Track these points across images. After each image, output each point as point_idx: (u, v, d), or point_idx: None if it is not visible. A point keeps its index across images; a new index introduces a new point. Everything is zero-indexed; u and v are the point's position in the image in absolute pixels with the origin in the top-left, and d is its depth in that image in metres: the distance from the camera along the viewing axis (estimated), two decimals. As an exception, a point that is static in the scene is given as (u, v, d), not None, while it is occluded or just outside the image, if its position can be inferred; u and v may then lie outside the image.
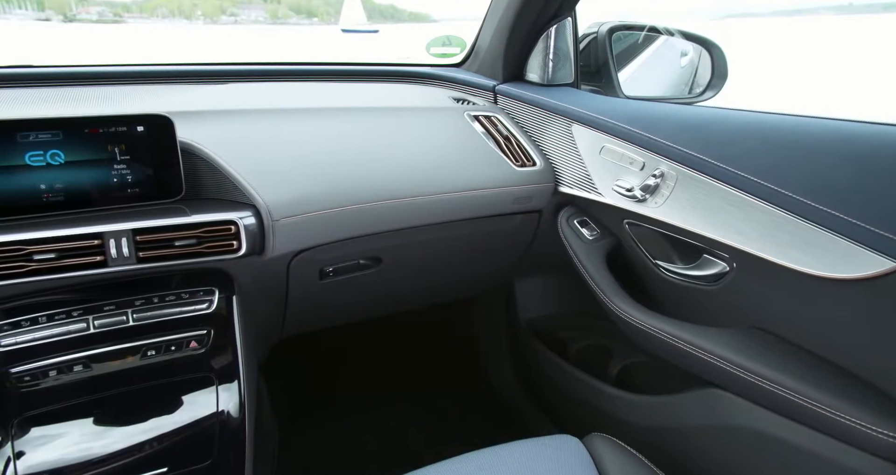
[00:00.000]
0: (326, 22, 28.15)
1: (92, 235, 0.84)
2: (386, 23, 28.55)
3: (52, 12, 24.01)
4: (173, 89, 1.25)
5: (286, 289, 1.09)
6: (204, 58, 1.49)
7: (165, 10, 32.50)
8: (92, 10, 27.56)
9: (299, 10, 31.32)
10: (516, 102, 1.35)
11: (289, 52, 12.45)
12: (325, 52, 11.74)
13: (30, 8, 23.02)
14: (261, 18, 28.80)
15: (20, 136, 0.87)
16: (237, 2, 29.56)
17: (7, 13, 20.57)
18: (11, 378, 0.82)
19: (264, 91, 1.30)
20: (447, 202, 1.14)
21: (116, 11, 29.56)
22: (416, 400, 1.72)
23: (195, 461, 0.84)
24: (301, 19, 30.55)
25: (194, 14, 30.38)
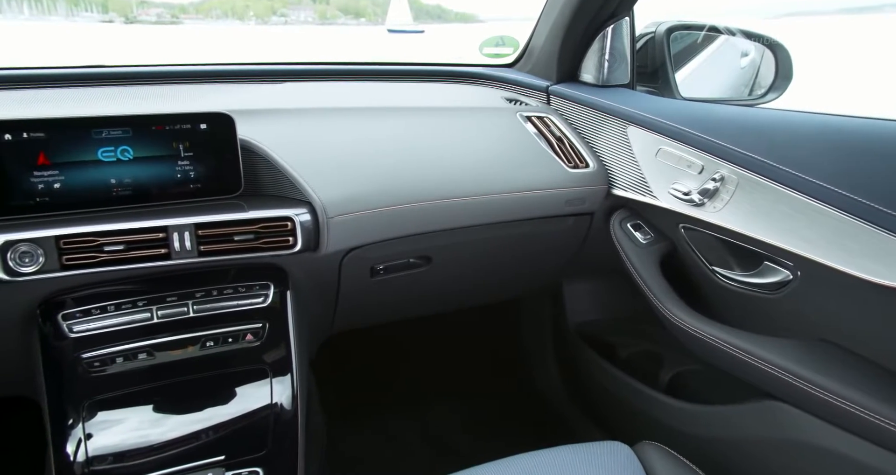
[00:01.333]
0: (373, 22, 28.55)
1: (157, 229, 0.88)
2: (432, 23, 28.74)
3: (114, 14, 25.18)
4: (232, 88, 1.29)
5: (337, 286, 1.11)
6: (256, 57, 1.53)
7: (219, 11, 33.66)
8: (151, 12, 28.81)
9: (347, 11, 31.98)
10: (570, 103, 1.33)
11: (336, 52, 12.67)
12: (370, 52, 11.88)
13: (95, 10, 24.12)
14: (310, 19, 29.47)
15: (94, 132, 0.91)
16: (287, 2, 30.41)
17: (75, 15, 21.65)
18: (83, 363, 0.87)
19: (319, 90, 1.32)
20: (498, 203, 1.13)
21: (174, 13, 30.82)
22: (460, 400, 1.72)
23: (250, 451, 0.87)
24: (349, 19, 31.10)
25: (246, 15, 31.41)
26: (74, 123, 0.90)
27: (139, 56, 5.43)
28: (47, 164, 0.89)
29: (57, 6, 22.56)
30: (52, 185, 0.90)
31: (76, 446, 0.82)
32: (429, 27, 23.37)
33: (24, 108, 1.05)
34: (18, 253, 0.80)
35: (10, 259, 0.80)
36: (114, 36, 15.90)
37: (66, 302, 0.90)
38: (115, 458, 0.83)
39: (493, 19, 33.35)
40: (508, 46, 1.51)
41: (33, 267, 0.81)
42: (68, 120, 0.90)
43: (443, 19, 31.72)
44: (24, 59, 4.27)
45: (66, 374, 0.86)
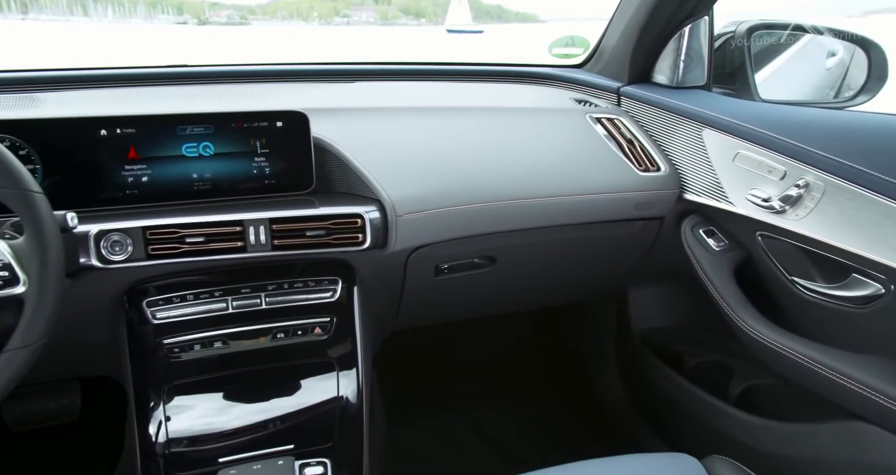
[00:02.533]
0: (434, 22, 28.78)
1: (234, 222, 0.91)
2: (492, 23, 28.66)
3: (188, 16, 26.50)
4: (306, 87, 1.33)
5: (402, 283, 1.12)
6: (319, 57, 1.56)
7: (285, 12, 34.89)
8: (222, 14, 30.13)
9: (408, 11, 32.28)
10: (642, 105, 1.30)
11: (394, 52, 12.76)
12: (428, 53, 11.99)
13: (171, 13, 25.41)
14: (371, 19, 30.03)
15: (179, 129, 0.96)
16: (350, 3, 31.06)
17: (152, 17, 22.87)
18: (164, 348, 0.91)
19: (390, 90, 1.34)
20: (565, 205, 1.12)
21: (242, 14, 32.18)
22: (517, 402, 1.71)
23: (318, 442, 0.89)
24: (409, 20, 31.47)
25: (311, 15, 32.29)
26: (163, 120, 0.95)
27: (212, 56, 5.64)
28: (137, 159, 0.94)
29: (137, 9, 23.84)
30: (141, 178, 0.95)
31: (157, 428, 0.87)
32: (488, 27, 23.29)
33: (116, 106, 1.11)
34: (110, 242, 0.85)
35: (103, 247, 0.85)
36: (188, 36, 16.67)
37: (149, 290, 0.94)
38: (191, 441, 0.87)
39: (554, 19, 32.94)
40: (579, 47, 1.49)
41: (122, 255, 0.86)
42: (157, 117, 0.94)
43: (502, 19, 31.55)
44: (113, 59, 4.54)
45: (149, 358, 0.91)
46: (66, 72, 1.22)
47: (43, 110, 1.05)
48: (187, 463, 0.86)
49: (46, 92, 1.15)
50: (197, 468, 0.86)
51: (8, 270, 0.68)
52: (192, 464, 0.86)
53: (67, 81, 1.19)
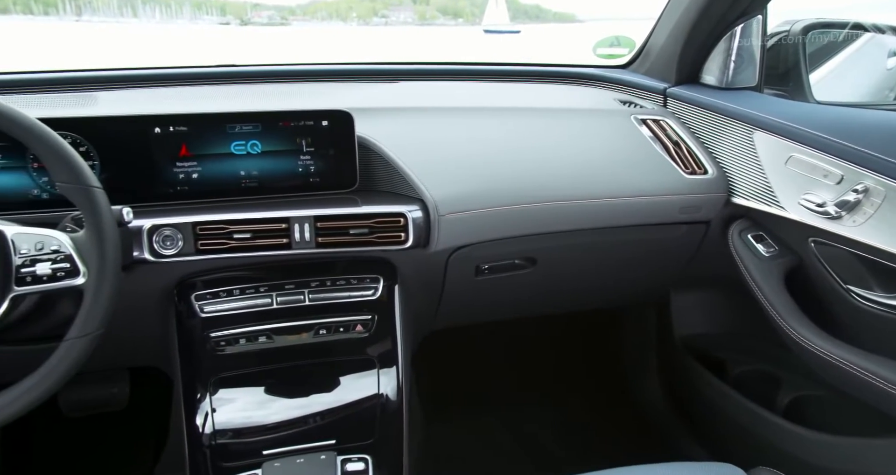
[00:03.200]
0: (471, 22, 28.77)
1: (280, 219, 0.92)
2: (530, 23, 28.40)
3: (231, 17, 27.13)
4: (349, 87, 1.34)
5: (443, 283, 1.13)
6: (358, 57, 1.57)
7: (325, 12, 35.39)
8: (263, 15, 30.72)
9: (446, 11, 32.36)
10: (689, 106, 1.27)
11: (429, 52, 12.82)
12: (466, 53, 11.97)
13: (214, 14, 26.07)
14: (409, 19, 30.21)
15: (229, 127, 0.98)
16: (388, 4, 31.34)
17: (197, 18, 23.49)
18: (211, 341, 0.93)
19: (433, 90, 1.35)
20: (609, 207, 1.10)
21: (283, 15, 32.74)
22: (555, 404, 1.70)
23: (358, 438, 0.90)
24: (447, 20, 31.54)
25: (349, 16, 32.68)
26: (213, 119, 0.97)
27: (254, 56, 5.76)
28: (188, 156, 0.97)
29: (182, 10, 24.53)
30: (191, 175, 0.97)
31: (204, 419, 0.89)
32: (525, 27, 23.11)
33: (169, 105, 1.14)
34: (162, 236, 0.88)
35: (155, 242, 0.87)
36: (231, 37, 17.08)
37: (196, 284, 0.97)
38: (236, 433, 0.89)
39: (593, 19, 32.47)
40: (624, 47, 1.46)
41: (173, 250, 0.88)
42: (208, 115, 0.97)
43: (541, 19, 31.24)
44: (161, 59, 4.70)
45: (197, 351, 0.93)
46: (120, 71, 1.26)
47: (100, 108, 1.09)
48: (233, 454, 0.88)
49: (103, 91, 1.19)
50: (242, 459, 0.87)
51: (69, 262, 0.71)
52: (238, 455, 0.88)
53: (122, 81, 1.23)
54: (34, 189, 0.91)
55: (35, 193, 0.92)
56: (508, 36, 17.46)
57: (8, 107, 0.70)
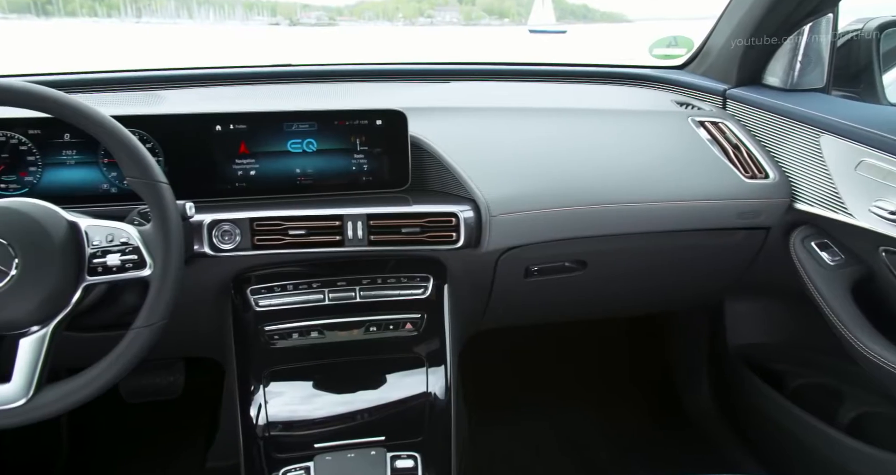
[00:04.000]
0: (517, 22, 28.57)
1: (334, 217, 0.94)
2: (576, 23, 27.97)
3: (281, 17, 27.84)
4: (402, 87, 1.35)
5: (491, 283, 1.12)
6: (404, 56, 1.57)
7: (371, 13, 35.95)
8: (311, 15, 31.38)
9: (492, 11, 32.25)
10: (750, 108, 1.23)
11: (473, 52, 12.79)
12: (510, 53, 11.88)
13: (265, 14, 26.81)
14: (454, 19, 30.29)
15: (286, 125, 1.00)
16: (434, 4, 31.51)
17: (248, 19, 24.19)
18: (265, 334, 0.95)
19: (485, 90, 1.34)
20: (664, 211, 1.08)
21: (331, 15, 33.37)
22: (599, 409, 1.68)
23: (408, 435, 0.90)
24: (492, 20, 31.43)
25: (395, 16, 33.03)
26: (271, 117, 0.99)
27: (303, 55, 5.88)
28: (247, 153, 0.99)
29: (235, 11, 25.28)
30: (249, 172, 1.00)
31: (258, 410, 0.91)
32: (572, 27, 22.83)
33: (229, 103, 1.17)
34: (221, 231, 0.90)
35: (214, 236, 0.90)
36: (281, 36, 17.51)
37: (251, 278, 0.99)
38: (289, 426, 0.91)
39: (643, 19, 31.78)
40: (682, 47, 1.42)
41: (231, 244, 0.90)
42: (267, 114, 0.99)
43: (588, 19, 30.78)
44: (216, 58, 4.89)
45: (251, 343, 0.96)
46: (183, 71, 1.30)
47: (166, 107, 1.13)
48: (285, 446, 0.90)
49: (167, 90, 1.23)
50: (294, 451, 0.89)
51: (137, 254, 0.73)
52: (290, 447, 0.90)
53: (185, 80, 1.27)
54: (104, 183, 0.96)
55: (104, 188, 0.96)
56: (554, 36, 17.29)
57: (84, 104, 0.73)
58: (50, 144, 0.93)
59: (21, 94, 0.70)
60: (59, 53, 8.93)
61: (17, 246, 0.68)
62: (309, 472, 0.86)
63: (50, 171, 0.94)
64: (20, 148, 0.92)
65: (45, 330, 0.71)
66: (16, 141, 0.91)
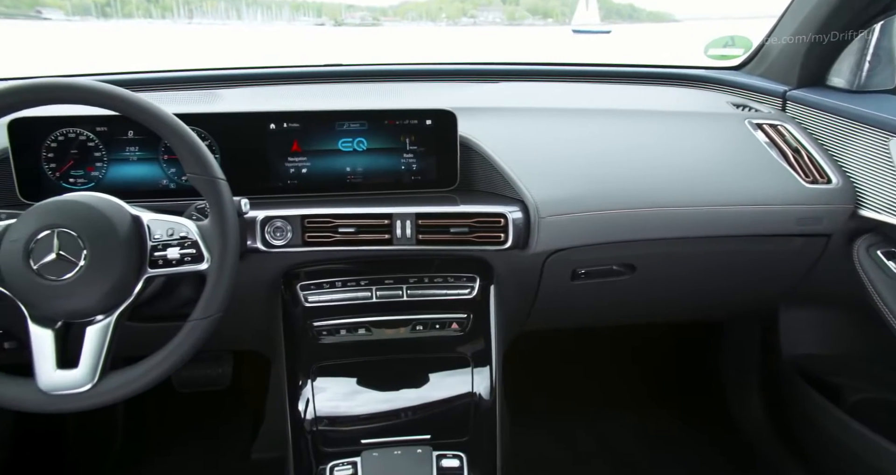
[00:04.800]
0: (560, 22, 28.29)
1: (383, 215, 0.94)
2: (622, 23, 27.45)
3: (326, 18, 28.29)
4: (451, 87, 1.35)
5: (537, 285, 1.11)
6: (447, 57, 1.56)
7: (415, 13, 36.19)
8: (356, 16, 31.77)
9: (535, 11, 31.98)
10: (812, 110, 1.18)
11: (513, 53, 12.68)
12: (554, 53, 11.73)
13: (311, 15, 27.29)
14: (497, 19, 30.17)
15: (337, 124, 1.01)
16: (477, 4, 31.48)
17: (294, 20, 24.69)
18: (313, 330, 0.97)
19: (535, 90, 1.33)
20: (718, 215, 1.05)
21: (375, 16, 33.74)
22: (643, 415, 1.64)
23: (453, 435, 0.90)
24: (536, 20, 31.19)
25: (439, 16, 33.18)
26: (324, 116, 1.01)
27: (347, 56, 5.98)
28: (299, 152, 1.01)
29: (282, 12, 25.83)
30: (301, 170, 1.01)
31: (306, 404, 0.93)
32: (617, 27, 22.43)
33: (282, 102, 1.20)
34: (273, 227, 0.92)
35: (267, 232, 0.92)
36: (326, 37, 17.81)
37: (300, 275, 1.01)
38: (336, 421, 0.92)
39: (691, 18, 30.93)
40: (739, 47, 1.38)
41: (283, 241, 0.92)
42: (319, 113, 1.01)
43: (634, 19, 30.19)
44: (264, 58, 5.01)
45: (300, 338, 0.97)
46: (238, 70, 1.34)
47: (222, 105, 1.16)
48: (333, 440, 0.91)
49: (223, 88, 1.26)
50: (342, 446, 0.90)
51: (195, 248, 0.75)
52: (337, 441, 0.91)
53: (240, 79, 1.30)
54: (163, 179, 0.99)
55: (163, 183, 0.99)
56: (598, 36, 17.04)
57: (150, 103, 0.75)
58: (115, 141, 0.97)
59: (93, 93, 0.73)
60: (118, 53, 9.31)
61: (86, 238, 0.71)
62: (356, 468, 0.87)
63: (114, 167, 0.97)
64: (88, 144, 0.96)
65: (110, 319, 0.74)
66: (84, 138, 0.95)
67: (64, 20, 16.01)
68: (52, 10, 15.52)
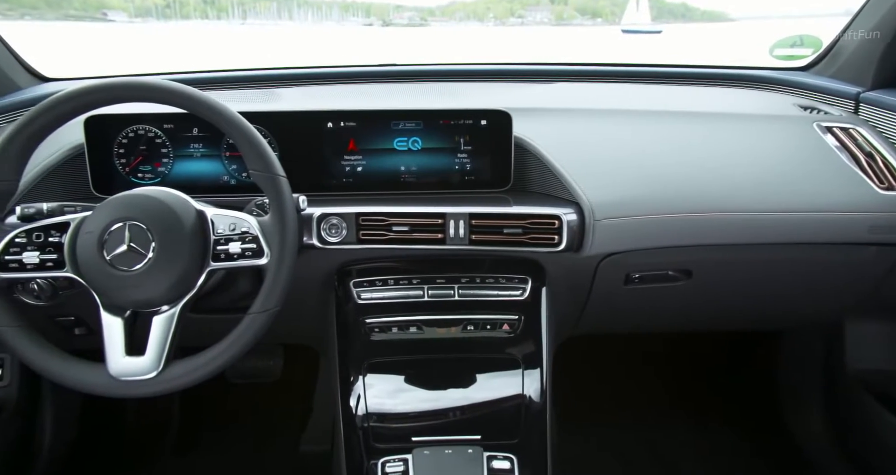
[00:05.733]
0: (611, 22, 27.80)
1: (437, 215, 0.94)
2: (674, 22, 26.71)
3: (374, 18, 28.71)
4: (505, 87, 1.34)
5: (590, 289, 1.09)
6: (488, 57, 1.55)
7: (462, 13, 36.24)
8: (404, 16, 32.07)
9: (584, 11, 31.50)
10: (890, 113, 1.12)
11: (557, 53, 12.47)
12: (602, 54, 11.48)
13: (359, 15, 27.72)
14: (545, 19, 29.87)
15: (393, 124, 1.02)
16: (525, 4, 31.21)
17: (344, 20, 25.14)
18: (365, 327, 0.98)
19: (591, 91, 1.31)
20: (782, 222, 1.01)
21: (423, 15, 33.98)
22: (695, 425, 1.60)
23: (503, 437, 0.90)
24: (585, 20, 30.73)
25: (486, 16, 33.13)
26: (380, 116, 1.02)
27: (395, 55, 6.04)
28: (355, 150, 1.02)
29: (332, 12, 26.32)
30: (356, 168, 1.03)
31: (357, 400, 0.94)
32: (668, 27, 21.88)
33: (338, 101, 1.22)
34: (329, 224, 0.93)
35: (322, 229, 0.93)
36: (374, 36, 18.03)
37: (352, 272, 1.02)
38: (387, 417, 0.93)
39: (747, 17, 29.76)
40: (808, 47, 1.32)
41: (337, 238, 0.93)
42: (376, 112, 1.02)
43: (686, 18, 29.34)
44: (314, 57, 5.10)
45: (352, 334, 0.99)
46: (296, 70, 1.36)
47: (281, 104, 1.18)
48: (384, 437, 0.92)
49: (282, 88, 1.29)
50: (393, 443, 0.91)
51: (255, 243, 0.77)
52: (389, 438, 0.92)
53: (298, 78, 1.33)
54: (224, 175, 1.02)
55: (224, 179, 1.02)
56: (648, 36, 16.66)
57: (218, 102, 0.78)
58: (180, 138, 1.00)
59: (166, 92, 0.76)
60: (178, 52, 9.68)
61: (155, 231, 0.74)
62: (407, 465, 0.87)
63: (178, 163, 1.01)
64: (156, 141, 0.99)
65: (174, 310, 0.76)
66: (152, 134, 0.99)
67: (126, 22, 16.75)
68: (117, 13, 16.28)
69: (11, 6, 7.48)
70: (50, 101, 0.75)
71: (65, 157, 0.98)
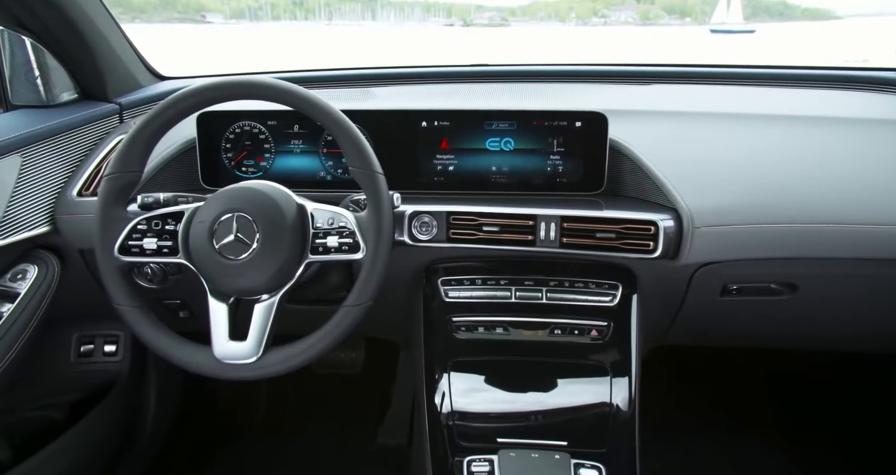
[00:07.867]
0: (700, 22, 26.53)
1: (528, 216, 0.93)
2: (769, 22, 25.02)
3: (455, 18, 28.90)
4: (600, 88, 1.31)
5: (683, 298, 1.05)
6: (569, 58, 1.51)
7: (544, 13, 35.74)
8: (485, 16, 32.11)
9: (672, 10, 30.21)
10: None
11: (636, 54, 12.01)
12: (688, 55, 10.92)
13: (441, 15, 28.02)
14: (630, 19, 28.90)
15: (486, 124, 1.02)
16: (610, 3, 30.31)
17: (425, 20, 25.48)
18: (452, 324, 0.99)
19: (690, 94, 1.26)
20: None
21: (503, 15, 33.85)
22: (791, 447, 1.51)
23: (591, 445, 0.88)
24: (672, 19, 29.49)
25: (568, 16, 32.49)
26: (473, 115, 1.02)
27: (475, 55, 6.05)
28: (447, 149, 1.03)
29: (413, 12, 26.75)
30: (448, 167, 1.03)
31: (442, 398, 0.95)
32: (763, 26, 20.60)
33: (432, 101, 1.23)
34: (420, 222, 0.94)
35: (414, 227, 0.94)
36: (455, 37, 18.16)
37: (439, 270, 1.03)
38: (472, 416, 0.93)
39: (856, 15, 27.45)
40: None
41: (428, 236, 0.94)
42: (469, 112, 1.02)
43: (785, 17, 27.45)
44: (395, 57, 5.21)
45: (439, 332, 0.99)
46: (389, 69, 1.39)
47: (376, 102, 1.21)
48: (469, 436, 0.92)
49: (375, 86, 1.32)
50: (478, 443, 0.91)
51: (352, 238, 0.79)
52: (474, 437, 0.92)
53: (391, 78, 1.35)
54: (321, 171, 1.05)
55: (321, 175, 1.05)
56: (740, 36, 15.77)
57: (322, 100, 0.80)
58: (281, 134, 1.04)
59: (276, 90, 0.79)
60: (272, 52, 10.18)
61: (259, 222, 0.78)
62: (493, 465, 0.87)
63: (279, 158, 1.05)
64: (259, 137, 1.04)
65: (274, 299, 0.80)
66: (257, 130, 1.04)
67: (222, 23, 17.77)
68: (214, 15, 17.31)
69: (124, 10, 8.11)
70: (173, 98, 0.80)
71: (178, 151, 1.05)
